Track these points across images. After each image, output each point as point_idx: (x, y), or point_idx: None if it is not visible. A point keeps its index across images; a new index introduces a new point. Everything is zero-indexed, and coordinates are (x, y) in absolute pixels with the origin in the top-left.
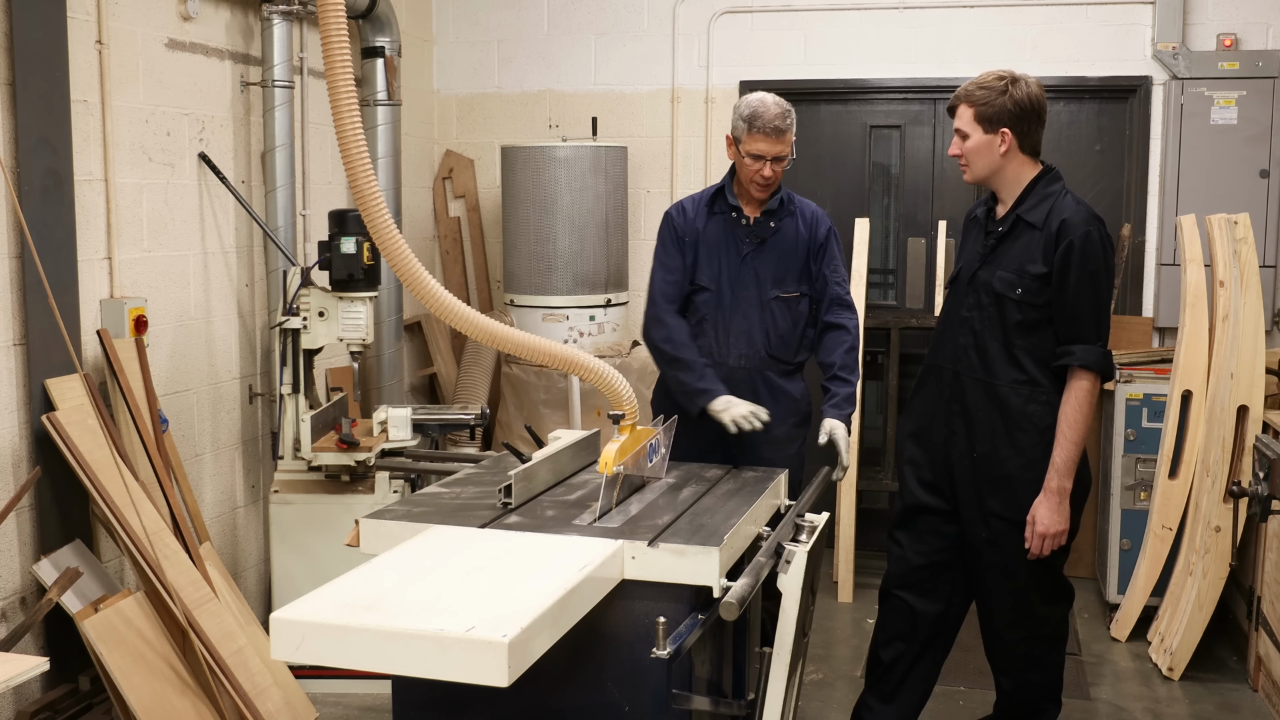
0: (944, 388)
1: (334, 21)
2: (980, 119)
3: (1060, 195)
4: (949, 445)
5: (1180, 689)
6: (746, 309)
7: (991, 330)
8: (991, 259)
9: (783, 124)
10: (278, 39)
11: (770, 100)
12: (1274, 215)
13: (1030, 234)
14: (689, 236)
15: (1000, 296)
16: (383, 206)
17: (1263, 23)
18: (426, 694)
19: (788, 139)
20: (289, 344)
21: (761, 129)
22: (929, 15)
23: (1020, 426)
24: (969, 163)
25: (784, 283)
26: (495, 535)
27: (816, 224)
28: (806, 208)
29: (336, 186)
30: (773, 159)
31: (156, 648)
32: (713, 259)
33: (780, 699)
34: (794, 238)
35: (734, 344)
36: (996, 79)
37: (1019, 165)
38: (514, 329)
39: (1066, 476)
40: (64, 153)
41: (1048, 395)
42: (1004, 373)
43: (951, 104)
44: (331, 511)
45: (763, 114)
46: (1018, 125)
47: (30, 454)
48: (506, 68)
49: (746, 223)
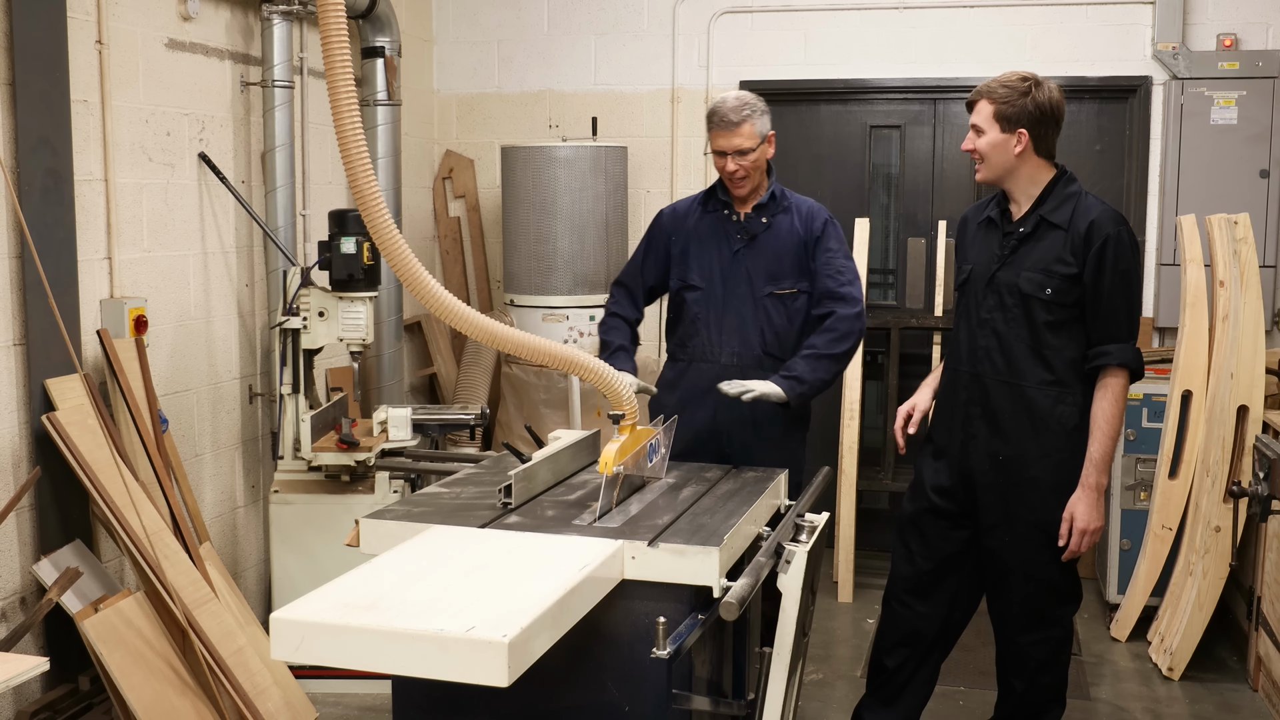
0: (960, 389)
1: (334, 21)
2: (999, 117)
3: (1081, 196)
4: (967, 449)
5: (1180, 689)
6: (739, 306)
7: (1017, 331)
8: (1013, 260)
9: (736, 116)
10: (278, 39)
11: (731, 95)
12: (1274, 215)
13: (1055, 234)
14: (678, 236)
15: (1028, 297)
16: (383, 206)
17: (1263, 23)
18: (426, 694)
19: (744, 131)
20: (289, 344)
21: (717, 123)
22: (929, 15)
23: (1048, 428)
24: (984, 160)
25: (779, 280)
26: (495, 535)
27: (812, 219)
28: (803, 204)
29: (336, 186)
30: (734, 153)
31: (156, 648)
32: (704, 256)
33: (780, 699)
34: (789, 233)
35: (726, 342)
36: (1020, 80)
37: (1034, 167)
38: (514, 329)
39: (1104, 472)
40: (64, 153)
41: (1074, 396)
42: (1032, 373)
43: (971, 99)
44: (331, 511)
45: (718, 109)
46: (1036, 128)
47: (30, 454)
48: (506, 68)
49: (737, 219)
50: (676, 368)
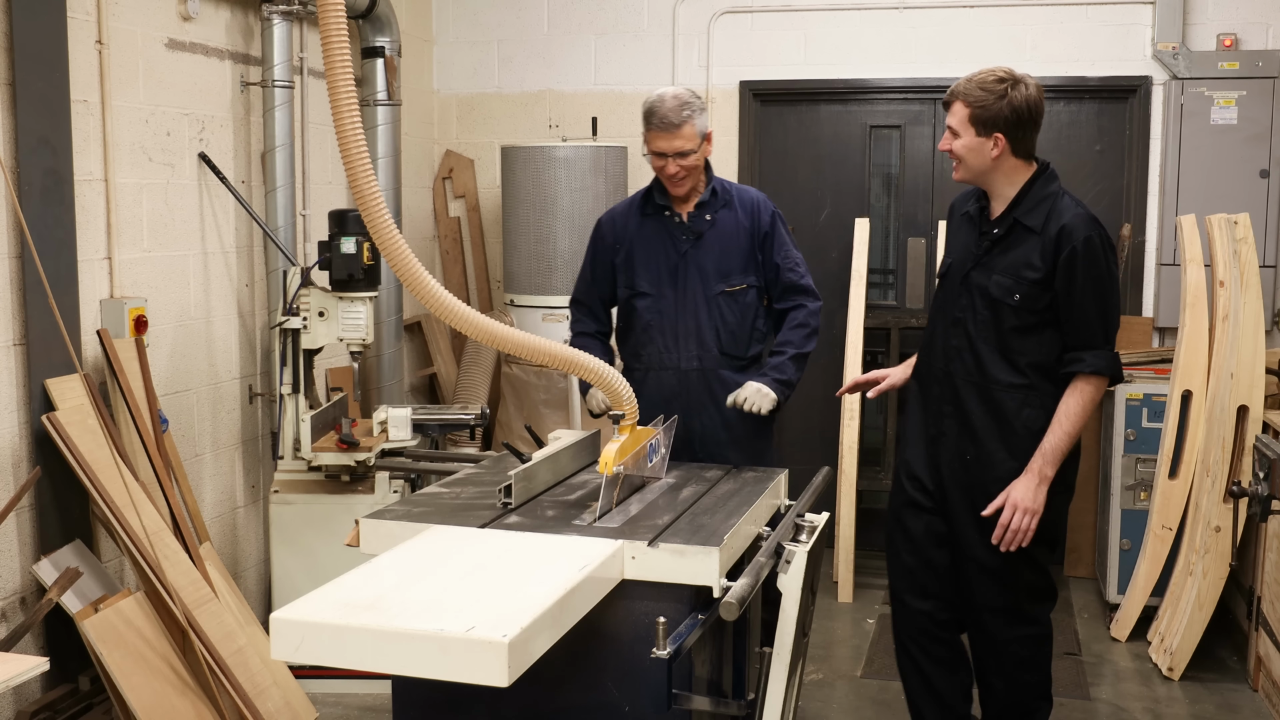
0: (933, 385)
1: (334, 21)
2: (974, 120)
3: (1058, 197)
4: (938, 445)
5: (1180, 689)
6: (693, 308)
7: (985, 334)
8: (986, 261)
9: (676, 118)
10: (278, 39)
11: (670, 94)
12: (1274, 215)
13: (1028, 238)
14: (620, 243)
15: (996, 302)
16: (383, 206)
17: (1263, 23)
18: (426, 694)
19: (685, 132)
20: (289, 344)
21: (657, 125)
22: (929, 15)
23: (1014, 430)
24: (960, 161)
25: (728, 276)
26: (495, 535)
27: (758, 211)
28: (745, 195)
29: (336, 186)
30: (674, 155)
31: (156, 648)
32: (650, 262)
33: (780, 699)
34: (734, 228)
35: (684, 346)
36: (997, 81)
37: (1011, 168)
38: (514, 329)
39: (1051, 464)
40: (64, 153)
41: (1041, 399)
42: (999, 376)
43: (947, 99)
44: (331, 511)
45: (657, 109)
46: (1012, 131)
47: (30, 454)
48: (506, 68)
49: (680, 220)
50: (633, 378)
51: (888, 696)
